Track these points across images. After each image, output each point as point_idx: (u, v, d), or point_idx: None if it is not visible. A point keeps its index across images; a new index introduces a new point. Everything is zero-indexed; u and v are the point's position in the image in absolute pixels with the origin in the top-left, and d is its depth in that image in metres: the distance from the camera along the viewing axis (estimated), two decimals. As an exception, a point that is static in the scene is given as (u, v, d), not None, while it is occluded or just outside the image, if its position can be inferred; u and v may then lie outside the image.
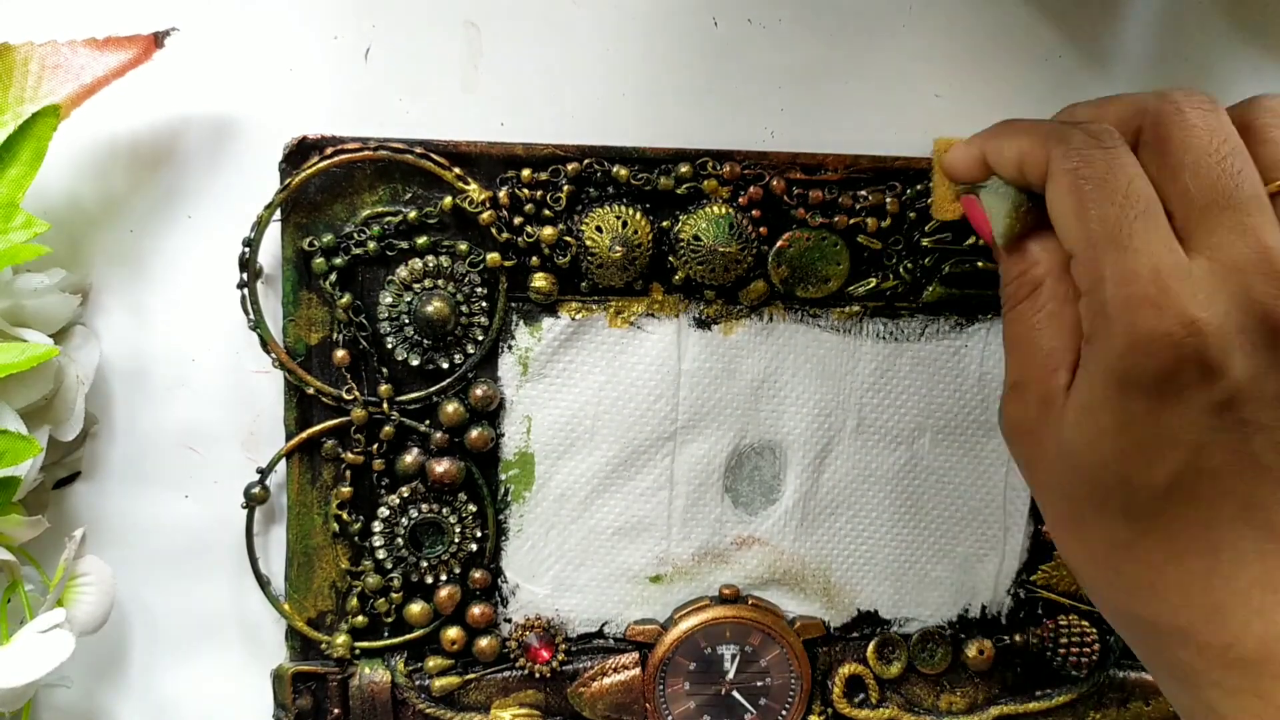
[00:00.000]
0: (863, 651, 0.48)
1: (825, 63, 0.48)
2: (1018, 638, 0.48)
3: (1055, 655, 0.48)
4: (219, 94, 0.45)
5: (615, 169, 0.43)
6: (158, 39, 0.42)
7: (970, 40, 0.48)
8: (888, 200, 0.44)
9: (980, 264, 0.45)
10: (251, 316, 0.42)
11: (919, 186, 0.44)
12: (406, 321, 0.43)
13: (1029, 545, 0.48)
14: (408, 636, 0.46)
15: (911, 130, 0.48)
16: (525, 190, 0.42)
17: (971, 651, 0.48)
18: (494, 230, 0.42)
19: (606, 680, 0.46)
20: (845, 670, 0.48)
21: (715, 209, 0.43)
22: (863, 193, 0.44)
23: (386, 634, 0.46)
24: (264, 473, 0.44)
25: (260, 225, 0.42)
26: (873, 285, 0.45)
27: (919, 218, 0.44)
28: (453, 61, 0.44)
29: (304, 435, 0.43)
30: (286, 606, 0.45)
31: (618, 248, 0.42)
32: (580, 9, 0.47)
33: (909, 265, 0.45)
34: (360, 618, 0.45)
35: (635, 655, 0.47)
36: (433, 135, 0.43)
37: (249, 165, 0.45)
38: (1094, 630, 0.48)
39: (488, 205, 0.42)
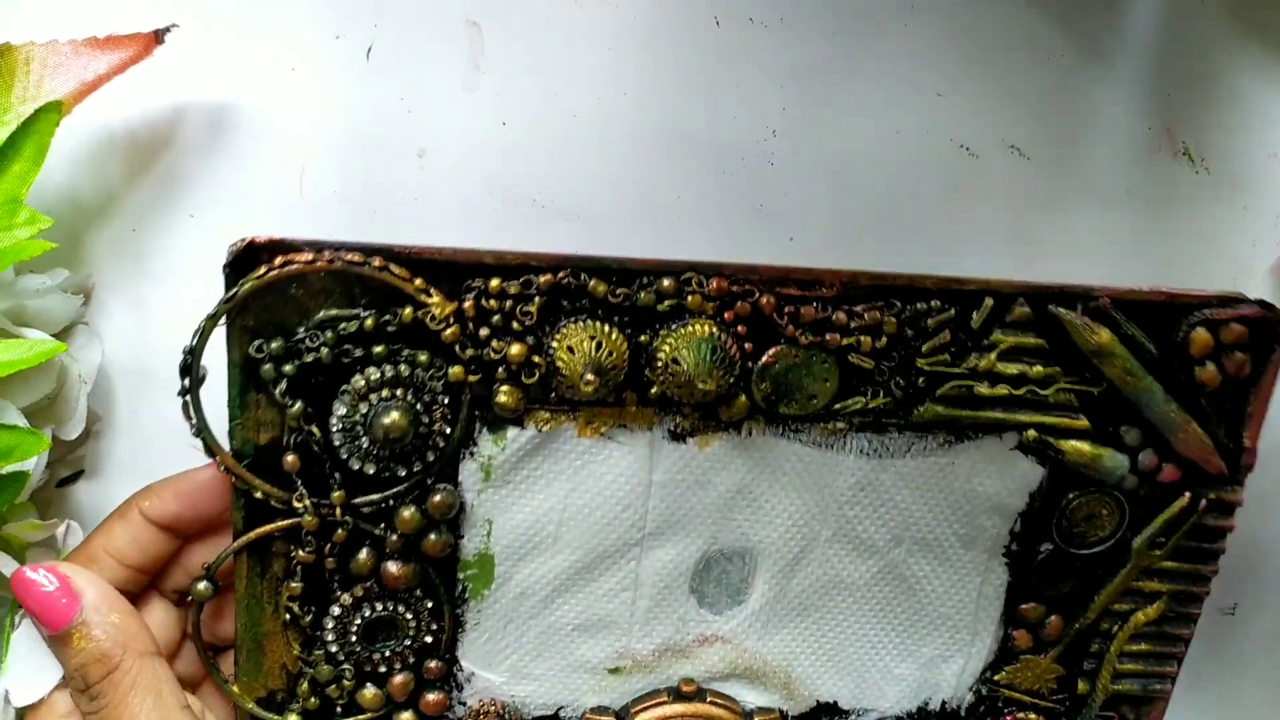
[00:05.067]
0: (818, 741, 0.48)
1: (827, 62, 0.47)
2: (975, 732, 0.48)
3: (1010, 755, 0.48)
4: (222, 93, 0.44)
5: (592, 283, 0.39)
6: (158, 35, 0.41)
7: (971, 39, 0.48)
8: (885, 319, 0.41)
9: (977, 389, 0.42)
10: (194, 423, 0.39)
11: (919, 305, 0.41)
12: (361, 433, 0.40)
13: (996, 649, 0.47)
14: (360, 719, 0.45)
15: (913, 129, 0.48)
16: (493, 301, 0.39)
17: (927, 745, 0.48)
18: (457, 348, 0.39)
19: (559, 768, 0.46)
20: (800, 760, 0.48)
21: (697, 327, 0.40)
22: (859, 309, 0.41)
23: (339, 713, 0.45)
24: (210, 568, 0.42)
25: (203, 335, 0.38)
26: (861, 404, 0.42)
27: (915, 335, 0.41)
28: (454, 61, 0.42)
29: (252, 535, 0.41)
30: (235, 689, 0.44)
31: (590, 376, 0.39)
32: (582, 8, 0.45)
33: (900, 382, 0.42)
34: (312, 700, 0.44)
35: (590, 746, 0.46)
36: (432, 142, 0.43)
37: (251, 164, 0.44)
38: (1051, 730, 0.48)
39: (452, 320, 0.39)
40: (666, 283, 0.39)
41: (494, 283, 0.39)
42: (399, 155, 0.46)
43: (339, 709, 0.45)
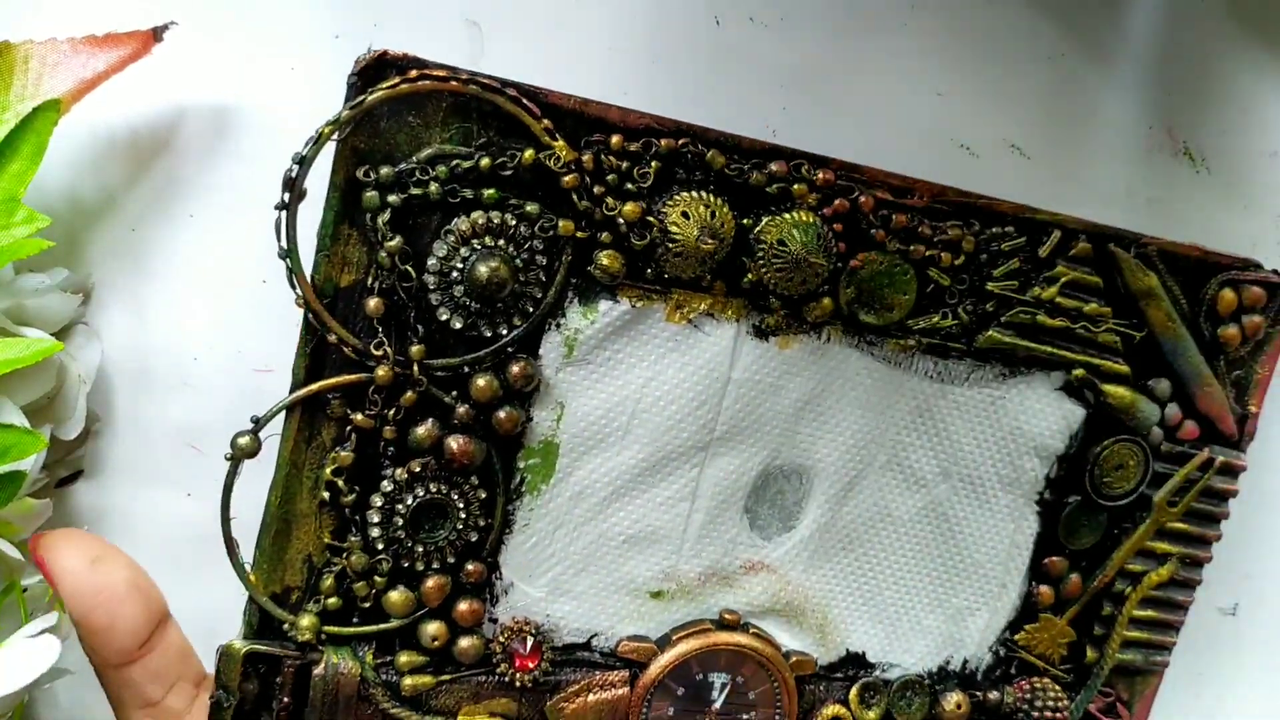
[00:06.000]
0: (845, 693, 0.46)
1: (827, 61, 0.48)
2: (992, 695, 0.48)
3: (1028, 718, 0.48)
4: (221, 92, 0.44)
5: (710, 154, 0.39)
6: (156, 34, 0.42)
7: (972, 39, 0.49)
8: (965, 237, 0.42)
9: (1039, 318, 0.44)
10: (284, 244, 0.36)
11: (995, 230, 0.43)
12: (457, 279, 0.38)
13: (1020, 604, 0.48)
14: (381, 626, 0.41)
15: (913, 129, 0.48)
16: (612, 158, 0.39)
17: (949, 705, 0.47)
18: (574, 196, 0.38)
19: (591, 697, 0.43)
20: (828, 711, 0.46)
21: (802, 215, 0.40)
22: (942, 224, 0.42)
23: (356, 620, 0.41)
24: (259, 422, 0.38)
25: (319, 142, 0.36)
26: (934, 322, 0.43)
27: (989, 260, 0.43)
28: (455, 60, 0.41)
29: (315, 386, 0.38)
30: (252, 576, 0.39)
31: (708, 239, 0.39)
32: (581, 8, 0.45)
33: (969, 307, 0.43)
34: (334, 599, 0.40)
35: (625, 674, 0.43)
36: None
37: (251, 164, 0.44)
38: (1065, 696, 0.48)
39: (572, 167, 0.38)
40: (776, 166, 0.40)
41: (615, 140, 0.38)
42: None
43: (358, 615, 0.40)
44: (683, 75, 0.46)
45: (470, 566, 0.41)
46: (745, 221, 0.40)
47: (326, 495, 0.39)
